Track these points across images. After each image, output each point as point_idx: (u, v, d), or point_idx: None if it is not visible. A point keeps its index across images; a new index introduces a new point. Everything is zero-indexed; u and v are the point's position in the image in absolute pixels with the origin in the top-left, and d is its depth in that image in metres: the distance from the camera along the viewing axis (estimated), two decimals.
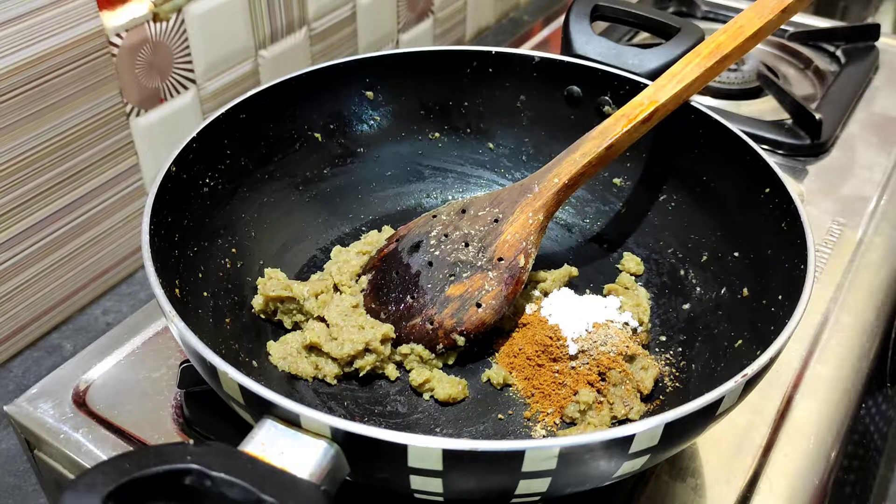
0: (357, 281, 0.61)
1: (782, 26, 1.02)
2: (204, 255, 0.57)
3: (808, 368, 0.62)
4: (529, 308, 0.60)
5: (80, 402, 0.57)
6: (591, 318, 0.58)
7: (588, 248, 0.68)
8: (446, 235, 0.60)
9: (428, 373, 0.56)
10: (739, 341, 0.54)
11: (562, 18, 0.73)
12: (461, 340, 0.56)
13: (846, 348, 0.64)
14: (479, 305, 0.56)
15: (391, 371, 0.56)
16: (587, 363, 0.55)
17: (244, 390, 0.40)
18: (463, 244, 0.59)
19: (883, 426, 0.71)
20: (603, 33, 0.76)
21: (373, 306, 0.59)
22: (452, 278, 0.58)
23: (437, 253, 0.59)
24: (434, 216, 0.61)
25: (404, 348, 0.57)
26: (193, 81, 0.79)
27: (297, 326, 0.59)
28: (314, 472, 0.37)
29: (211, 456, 0.35)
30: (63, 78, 0.67)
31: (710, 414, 0.42)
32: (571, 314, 0.58)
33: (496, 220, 0.59)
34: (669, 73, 0.60)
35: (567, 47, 0.70)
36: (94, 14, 0.68)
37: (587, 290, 0.64)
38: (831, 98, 0.90)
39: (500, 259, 0.57)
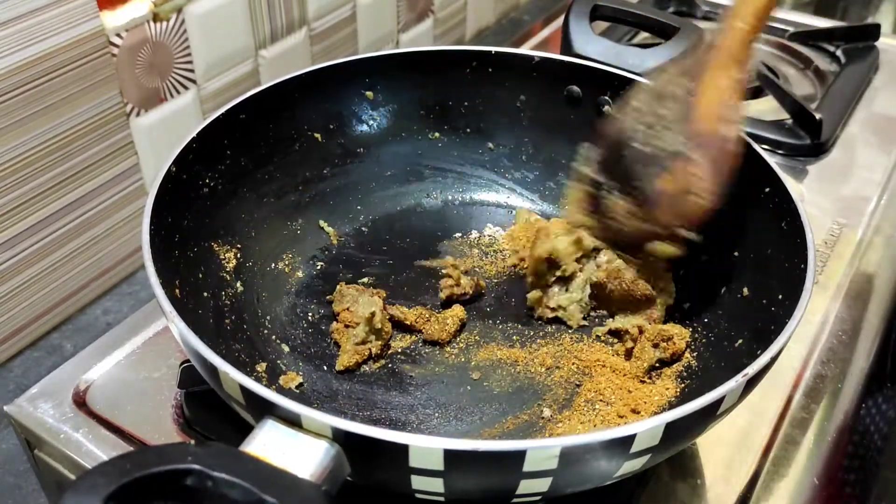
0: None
1: (782, 26, 1.03)
2: (204, 255, 0.57)
3: (808, 368, 0.62)
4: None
5: (81, 402, 0.57)
6: None
7: None
8: (645, 124, 0.55)
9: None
10: (739, 341, 0.54)
11: (562, 18, 0.73)
12: (692, 235, 0.54)
13: (846, 348, 0.64)
14: (693, 191, 0.53)
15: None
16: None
17: (245, 390, 0.40)
18: (663, 129, 0.54)
19: (883, 426, 0.71)
20: (603, 33, 0.76)
21: (589, 217, 0.58)
22: (659, 170, 0.54)
23: (638, 146, 0.55)
24: (630, 106, 0.57)
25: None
26: (193, 81, 0.79)
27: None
28: (315, 472, 0.37)
29: (212, 456, 0.35)
30: (63, 78, 0.67)
31: (710, 414, 0.42)
32: None
33: (690, 93, 0.54)
34: None
35: (567, 47, 0.70)
36: (94, 14, 0.68)
37: None
38: (831, 98, 0.90)
39: (701, 135, 0.52)
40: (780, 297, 0.51)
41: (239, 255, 0.60)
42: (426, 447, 0.38)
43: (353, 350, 0.57)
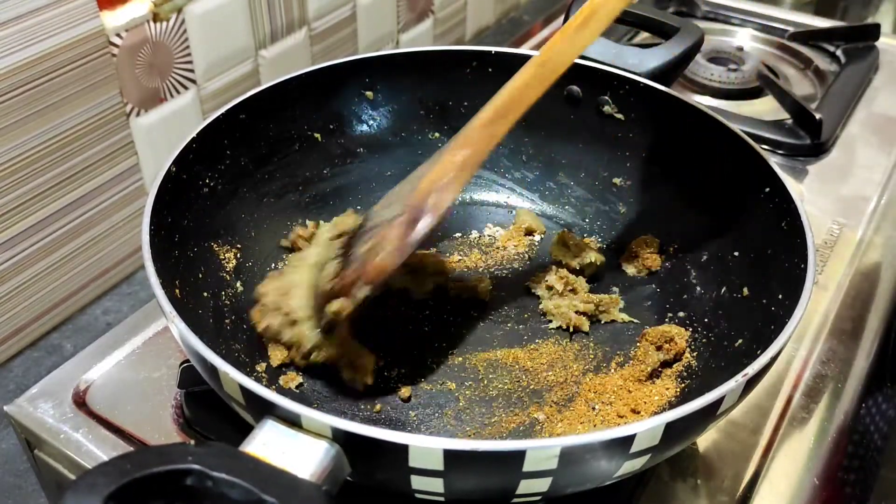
0: None
1: (782, 26, 1.03)
2: (204, 255, 0.57)
3: (808, 368, 0.62)
4: None
5: (81, 402, 0.57)
6: None
7: None
8: (387, 203, 0.56)
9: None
10: (739, 341, 0.54)
11: (562, 18, 0.73)
12: (362, 292, 0.52)
13: (846, 348, 0.64)
14: (378, 252, 0.52)
15: None
16: None
17: (245, 390, 0.40)
18: (389, 204, 0.55)
19: (883, 426, 0.71)
20: (603, 33, 0.76)
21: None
22: (368, 237, 0.54)
23: (370, 220, 0.56)
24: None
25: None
26: (193, 81, 0.79)
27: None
28: (315, 472, 0.37)
29: (212, 456, 0.35)
30: (63, 78, 0.67)
31: (710, 414, 0.42)
32: None
33: (423, 175, 0.55)
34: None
35: None
36: (94, 14, 0.68)
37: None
38: (831, 98, 0.90)
39: (413, 203, 0.53)
40: (780, 297, 0.51)
41: (239, 255, 0.60)
42: (426, 447, 0.38)
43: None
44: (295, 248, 0.64)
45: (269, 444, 0.38)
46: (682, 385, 0.55)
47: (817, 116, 0.82)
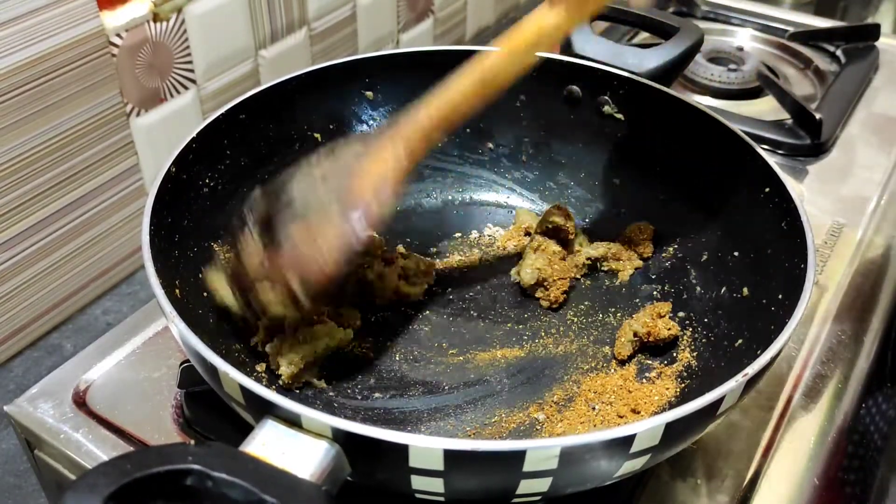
0: None
1: (782, 26, 1.03)
2: (204, 255, 0.57)
3: (808, 368, 0.62)
4: None
5: (81, 402, 0.57)
6: None
7: None
8: (309, 174, 0.53)
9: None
10: (739, 341, 0.54)
11: None
12: (300, 295, 0.50)
13: (846, 348, 0.64)
14: (319, 250, 0.50)
15: None
16: None
17: (245, 390, 0.40)
18: (321, 180, 0.52)
19: (883, 426, 0.71)
20: (603, 33, 0.76)
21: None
22: (300, 216, 0.51)
23: (295, 191, 0.52)
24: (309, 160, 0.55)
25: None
26: (193, 81, 0.79)
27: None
28: (315, 472, 0.37)
29: (212, 456, 0.35)
30: (63, 78, 0.67)
31: (710, 414, 0.42)
32: None
33: (357, 156, 0.52)
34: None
35: (567, 47, 0.70)
36: (94, 14, 0.68)
37: None
38: (831, 98, 0.90)
39: (349, 203, 0.51)
40: (780, 297, 0.51)
41: None
42: (426, 447, 0.38)
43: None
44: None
45: (269, 444, 0.38)
46: (682, 385, 0.55)
47: (817, 116, 0.82)
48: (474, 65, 0.53)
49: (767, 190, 0.57)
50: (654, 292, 0.63)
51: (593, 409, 0.54)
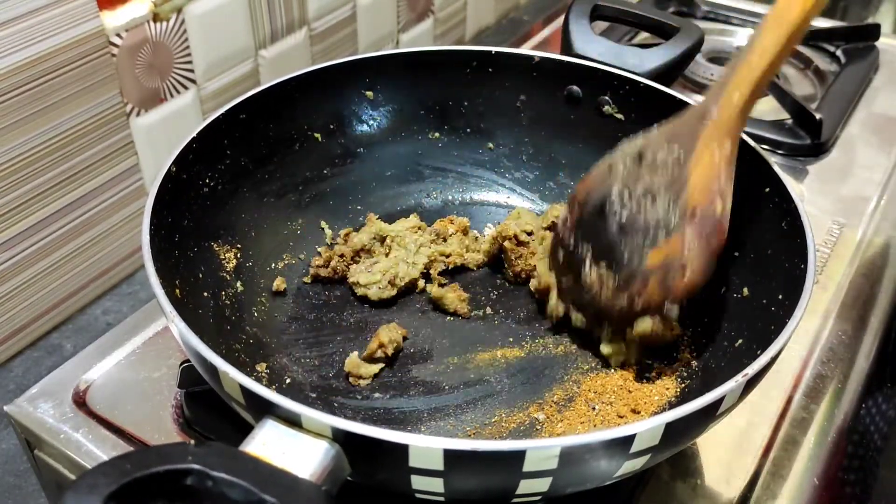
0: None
1: None
2: (204, 255, 0.57)
3: (808, 368, 0.62)
4: None
5: (81, 402, 0.57)
6: None
7: None
8: (629, 192, 0.52)
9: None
10: (739, 341, 0.54)
11: (562, 18, 0.73)
12: (675, 310, 0.52)
13: (846, 348, 0.64)
14: (683, 268, 0.51)
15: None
16: None
17: (245, 390, 0.40)
18: (650, 200, 0.51)
19: (883, 426, 0.71)
20: (603, 33, 0.76)
21: (564, 286, 0.57)
22: (649, 244, 0.51)
23: (625, 216, 0.52)
24: (610, 167, 0.54)
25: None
26: (193, 81, 0.79)
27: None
28: (315, 472, 0.37)
29: (212, 456, 0.35)
30: (63, 78, 0.67)
31: (710, 414, 0.42)
32: None
33: (679, 162, 0.51)
34: None
35: (567, 47, 0.70)
36: (94, 14, 0.68)
37: None
38: (831, 98, 0.90)
39: (695, 209, 0.50)
40: (780, 297, 0.51)
41: (239, 255, 0.60)
42: (426, 447, 0.38)
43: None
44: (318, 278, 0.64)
45: (269, 443, 0.38)
46: (682, 385, 0.55)
47: (817, 116, 0.82)
48: (778, 20, 0.49)
49: (767, 190, 0.57)
50: None
51: (593, 409, 0.54)
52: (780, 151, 0.83)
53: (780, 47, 0.50)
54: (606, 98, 0.67)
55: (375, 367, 0.56)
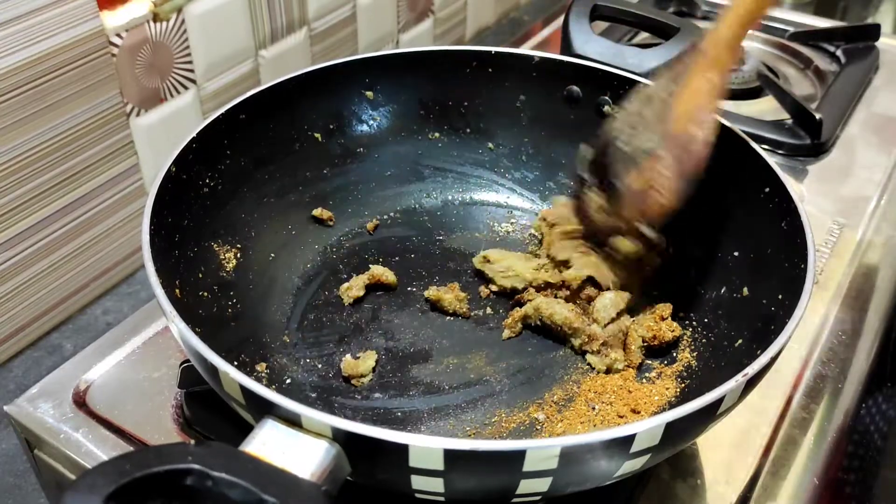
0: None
1: (782, 26, 1.03)
2: (204, 255, 0.57)
3: (808, 368, 0.62)
4: None
5: (80, 402, 0.57)
6: None
7: None
8: (629, 124, 0.57)
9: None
10: (739, 341, 0.54)
11: (562, 18, 0.73)
12: (650, 232, 0.56)
13: (846, 348, 0.64)
14: (657, 190, 0.55)
15: None
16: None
17: (245, 390, 0.40)
18: (641, 129, 0.56)
19: (883, 426, 0.71)
20: (603, 33, 0.76)
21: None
22: (631, 167, 0.56)
23: (621, 146, 0.57)
24: (626, 107, 0.59)
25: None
26: (193, 81, 0.79)
27: None
28: (315, 472, 0.37)
29: (212, 456, 0.35)
30: (63, 78, 0.67)
31: (710, 414, 0.42)
32: None
33: (671, 95, 0.56)
34: None
35: (567, 47, 0.70)
36: (94, 14, 0.68)
37: None
38: (831, 98, 0.90)
39: (675, 135, 0.54)
40: (780, 297, 0.51)
41: (239, 255, 0.60)
42: (426, 447, 0.38)
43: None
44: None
45: (269, 443, 0.38)
46: (682, 385, 0.55)
47: (817, 116, 0.82)
48: None
49: (767, 190, 0.57)
50: (654, 292, 0.63)
51: (593, 409, 0.54)
52: (780, 151, 0.83)
53: None
54: (606, 98, 0.67)
55: (371, 361, 0.56)
